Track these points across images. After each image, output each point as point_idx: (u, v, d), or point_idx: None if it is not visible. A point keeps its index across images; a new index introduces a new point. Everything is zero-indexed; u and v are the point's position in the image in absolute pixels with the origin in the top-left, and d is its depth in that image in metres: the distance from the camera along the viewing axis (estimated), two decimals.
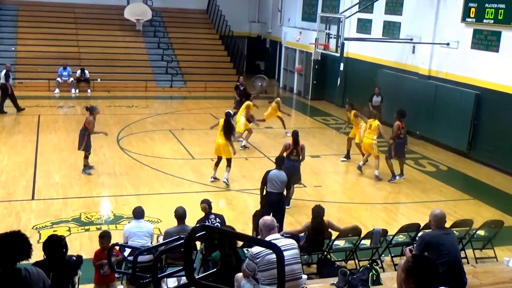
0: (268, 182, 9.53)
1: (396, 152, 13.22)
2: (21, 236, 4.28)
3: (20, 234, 4.29)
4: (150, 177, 12.84)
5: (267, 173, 9.63)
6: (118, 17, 26.45)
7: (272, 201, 9.45)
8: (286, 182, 9.60)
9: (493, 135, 14.98)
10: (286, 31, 26.08)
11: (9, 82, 18.83)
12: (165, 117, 19.40)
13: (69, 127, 16.90)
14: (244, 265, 5.87)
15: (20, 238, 4.26)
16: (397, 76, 18.59)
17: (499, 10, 14.40)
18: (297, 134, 11.50)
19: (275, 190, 9.51)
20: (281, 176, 9.57)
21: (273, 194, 9.49)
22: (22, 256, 4.24)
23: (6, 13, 25.87)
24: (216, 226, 7.91)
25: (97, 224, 10.13)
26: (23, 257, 4.26)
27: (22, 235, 4.29)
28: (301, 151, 11.44)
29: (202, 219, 8.40)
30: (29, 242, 4.29)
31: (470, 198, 12.64)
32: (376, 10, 19.83)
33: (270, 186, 9.51)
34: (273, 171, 9.64)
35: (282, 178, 9.56)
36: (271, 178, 9.51)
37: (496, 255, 9.24)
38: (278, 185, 9.51)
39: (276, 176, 9.54)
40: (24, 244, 4.25)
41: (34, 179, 12.32)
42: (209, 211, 8.49)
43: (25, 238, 4.28)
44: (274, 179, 9.51)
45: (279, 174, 9.58)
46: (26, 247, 4.26)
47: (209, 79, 25.22)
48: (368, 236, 8.64)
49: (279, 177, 9.55)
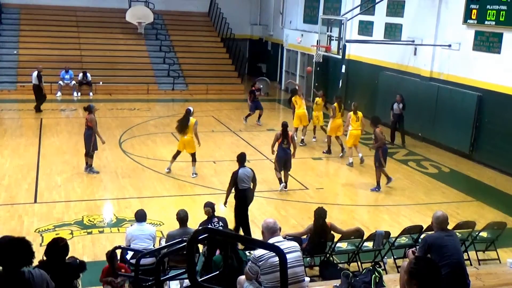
0: (239, 181, 9.86)
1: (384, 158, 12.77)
2: (24, 242, 4.31)
3: (23, 241, 4.32)
4: (152, 180, 12.85)
5: (236, 173, 9.90)
6: (119, 20, 26.50)
7: (249, 197, 9.97)
8: (253, 176, 10.05)
9: (495, 136, 14.96)
10: (288, 33, 26.10)
11: (42, 83, 19.52)
12: (167, 119, 19.40)
13: (71, 130, 16.92)
14: (246, 268, 5.86)
15: (23, 244, 4.30)
16: (398, 78, 18.59)
17: (500, 12, 14.39)
18: (286, 125, 12.50)
19: (247, 186, 9.96)
20: (249, 172, 10.01)
21: (248, 190, 9.97)
22: (24, 262, 4.28)
23: (8, 17, 25.94)
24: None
25: (100, 227, 10.13)
26: (25, 263, 4.29)
27: (25, 241, 4.33)
28: (291, 140, 12.39)
29: (205, 222, 8.40)
30: (31, 248, 4.34)
31: (472, 199, 12.62)
32: (377, 12, 19.84)
33: (242, 184, 9.89)
34: (241, 170, 9.95)
35: (250, 173, 10.01)
36: (241, 176, 9.88)
37: (499, 256, 9.22)
38: (248, 181, 9.96)
39: (244, 173, 9.94)
40: (27, 251, 4.30)
41: (37, 182, 12.34)
42: (212, 214, 8.48)
43: (28, 245, 4.32)
44: (244, 177, 9.90)
45: (246, 171, 10.00)
46: (28, 254, 4.30)
47: (211, 82, 25.24)
48: (370, 238, 8.63)
49: (247, 174, 9.98)
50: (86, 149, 13.03)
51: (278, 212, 11.18)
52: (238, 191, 9.89)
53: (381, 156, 12.60)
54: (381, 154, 12.60)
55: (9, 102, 20.99)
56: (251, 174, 10.01)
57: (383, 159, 12.64)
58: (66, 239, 6.27)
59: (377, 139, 12.67)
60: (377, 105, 19.63)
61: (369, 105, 20.17)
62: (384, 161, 12.68)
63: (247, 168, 10.07)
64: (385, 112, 18.51)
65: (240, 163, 10.07)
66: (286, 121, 12.88)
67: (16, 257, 4.24)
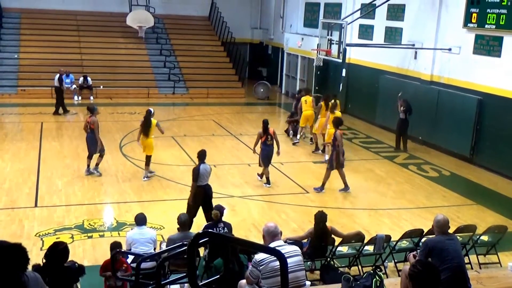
0: (200, 176, 10.09)
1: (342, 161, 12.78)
2: (20, 249, 4.31)
3: (19, 248, 4.32)
4: (153, 184, 12.85)
5: (198, 169, 10.11)
6: (120, 24, 26.54)
7: (209, 192, 10.25)
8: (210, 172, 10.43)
9: (496, 140, 14.96)
10: (288, 37, 26.13)
11: (63, 86, 20.10)
12: (167, 123, 19.39)
13: (72, 134, 16.93)
14: (247, 272, 5.85)
15: (19, 251, 4.30)
16: (399, 81, 18.59)
17: (500, 15, 14.41)
18: (266, 122, 13.13)
19: (206, 182, 10.24)
20: (209, 168, 10.33)
21: (207, 186, 10.26)
22: (19, 268, 4.29)
23: (9, 21, 25.98)
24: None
25: (100, 231, 10.13)
26: (20, 269, 4.30)
27: (21, 248, 4.33)
28: (274, 135, 12.98)
29: (210, 225, 8.37)
30: (27, 255, 4.34)
31: (473, 203, 12.61)
32: (377, 16, 19.87)
33: (203, 180, 10.15)
34: (202, 166, 10.18)
35: (209, 169, 10.35)
36: (202, 172, 10.12)
37: (500, 260, 9.21)
38: (207, 177, 10.25)
39: (205, 169, 10.22)
40: (22, 257, 4.30)
41: (37, 186, 12.34)
42: (219, 218, 8.44)
43: (24, 251, 4.32)
44: (205, 173, 10.18)
45: (207, 167, 10.29)
46: (23, 260, 4.31)
47: (211, 86, 25.26)
48: (371, 242, 8.63)
49: (208, 170, 10.28)
50: (89, 152, 13.11)
51: (279, 216, 11.17)
52: (197, 187, 10.14)
53: (334, 159, 12.66)
54: (335, 157, 12.63)
55: (9, 106, 21.01)
56: (210, 170, 10.36)
57: (336, 162, 12.66)
58: (66, 243, 6.27)
59: (336, 140, 12.68)
60: (377, 109, 19.66)
61: (369, 109, 20.21)
62: (337, 164, 12.67)
63: (206, 164, 10.32)
64: (385, 116, 18.56)
65: (200, 160, 10.33)
66: (266, 118, 13.45)
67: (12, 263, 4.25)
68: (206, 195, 10.16)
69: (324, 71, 23.15)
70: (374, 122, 19.98)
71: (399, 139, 16.81)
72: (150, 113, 13.15)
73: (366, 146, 17.40)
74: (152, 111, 13.28)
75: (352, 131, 19.33)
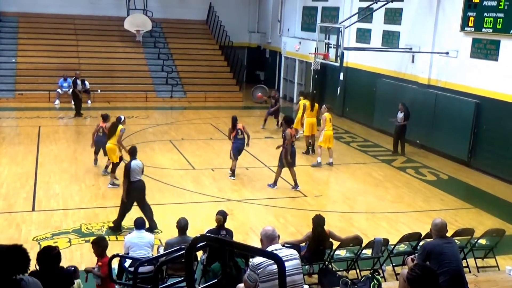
0: (132, 172, 10.23)
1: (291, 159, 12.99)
2: (21, 250, 4.30)
3: (20, 248, 4.31)
4: (151, 188, 12.78)
5: (129, 166, 10.27)
6: (118, 28, 26.52)
7: (141, 188, 10.39)
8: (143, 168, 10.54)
9: (493, 143, 14.98)
10: (286, 41, 26.17)
11: (77, 88, 20.53)
12: (165, 127, 19.42)
13: (69, 138, 16.91)
14: (245, 276, 5.85)
15: (20, 252, 4.28)
16: (396, 85, 18.63)
17: (497, 19, 14.45)
18: (235, 119, 13.94)
19: (140, 177, 10.37)
20: (141, 164, 10.46)
21: (140, 181, 10.39)
22: (20, 270, 4.27)
23: (7, 25, 25.96)
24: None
25: (98, 235, 10.09)
26: (21, 271, 4.28)
27: (22, 249, 4.31)
28: (244, 129, 13.75)
29: (212, 231, 8.31)
30: (28, 256, 4.32)
31: (471, 207, 12.62)
32: (375, 20, 19.91)
33: (135, 176, 10.29)
34: (133, 162, 10.33)
35: (141, 165, 10.46)
36: (134, 168, 10.26)
37: (498, 264, 9.21)
38: (139, 173, 10.37)
39: (137, 165, 10.35)
40: (23, 259, 4.28)
41: (35, 190, 12.32)
42: (222, 224, 8.40)
43: (25, 253, 4.30)
44: (137, 168, 10.30)
45: (138, 163, 10.42)
46: (24, 262, 4.29)
47: (209, 90, 25.27)
48: (369, 245, 8.62)
49: (140, 166, 10.40)
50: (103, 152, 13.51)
51: (277, 220, 11.16)
52: (130, 183, 10.25)
53: (284, 157, 12.89)
54: (284, 155, 12.82)
55: (7, 110, 20.99)
56: (142, 166, 10.47)
57: (286, 161, 12.88)
58: (58, 247, 6.25)
59: (285, 139, 12.95)
60: (375, 112, 19.68)
61: (367, 112, 20.23)
62: (287, 162, 12.92)
63: (138, 160, 10.46)
64: (383, 119, 18.57)
65: (132, 156, 10.49)
66: (235, 115, 14.33)
67: (13, 265, 4.22)
68: (139, 191, 10.33)
69: (321, 75, 23.18)
70: (372, 126, 19.99)
71: (397, 143, 16.82)
72: (119, 120, 13.16)
73: (364, 149, 17.41)
74: (122, 118, 13.28)
75: (349, 135, 19.35)
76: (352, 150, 17.35)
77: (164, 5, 28.35)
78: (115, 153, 12.85)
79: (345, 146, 17.86)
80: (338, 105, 22.46)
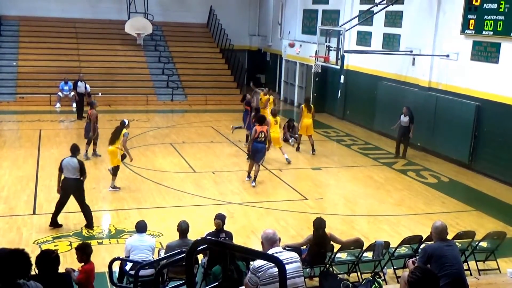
0: (64, 168, 10.34)
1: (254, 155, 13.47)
2: (23, 254, 4.29)
3: (22, 253, 4.30)
4: (152, 191, 12.84)
5: (62, 161, 10.44)
6: (119, 32, 26.58)
7: (69, 186, 10.37)
8: (79, 167, 10.38)
9: (494, 146, 14.97)
10: (286, 44, 26.18)
11: (76, 90, 20.83)
12: (166, 130, 19.43)
13: (70, 141, 16.77)
14: (246, 279, 5.84)
15: (22, 256, 4.28)
16: (397, 88, 18.63)
17: (498, 22, 14.46)
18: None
19: (71, 176, 10.34)
20: (73, 163, 10.38)
21: (70, 179, 10.35)
22: (22, 274, 4.26)
23: (8, 28, 26.01)
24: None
25: (99, 238, 10.11)
26: (22, 276, 4.27)
27: (24, 253, 4.31)
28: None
29: (212, 234, 8.31)
30: (30, 261, 4.31)
31: (472, 209, 12.61)
32: (375, 23, 19.92)
33: (66, 173, 10.37)
34: (66, 159, 10.44)
35: (75, 164, 10.37)
36: (65, 165, 10.36)
37: (499, 266, 9.20)
38: (71, 171, 10.32)
39: (68, 163, 10.37)
40: (25, 263, 4.28)
41: (36, 193, 12.32)
42: (221, 227, 8.40)
43: (27, 257, 4.30)
44: (68, 166, 10.33)
45: (72, 161, 10.41)
46: (26, 266, 4.28)
47: (210, 93, 25.29)
48: (370, 248, 8.61)
49: (72, 164, 10.36)
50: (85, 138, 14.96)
51: (278, 223, 11.16)
52: (63, 179, 10.39)
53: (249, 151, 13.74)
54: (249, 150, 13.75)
55: (8, 113, 21.01)
56: (76, 165, 10.37)
57: (253, 156, 13.42)
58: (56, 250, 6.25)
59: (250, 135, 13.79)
60: (375, 115, 19.68)
61: (368, 115, 20.24)
62: (254, 157, 13.40)
63: (74, 158, 10.45)
64: (384, 122, 18.58)
65: (71, 152, 10.55)
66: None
67: (15, 269, 4.22)
68: (66, 190, 10.38)
69: (322, 78, 23.20)
70: (373, 129, 19.99)
71: (399, 146, 16.80)
72: (123, 124, 13.07)
73: (365, 152, 17.40)
74: (126, 122, 13.22)
75: (350, 138, 19.35)
76: (353, 153, 17.34)
77: (165, 9, 28.40)
78: (116, 156, 12.82)
79: (346, 149, 17.86)
80: (338, 108, 22.49)
